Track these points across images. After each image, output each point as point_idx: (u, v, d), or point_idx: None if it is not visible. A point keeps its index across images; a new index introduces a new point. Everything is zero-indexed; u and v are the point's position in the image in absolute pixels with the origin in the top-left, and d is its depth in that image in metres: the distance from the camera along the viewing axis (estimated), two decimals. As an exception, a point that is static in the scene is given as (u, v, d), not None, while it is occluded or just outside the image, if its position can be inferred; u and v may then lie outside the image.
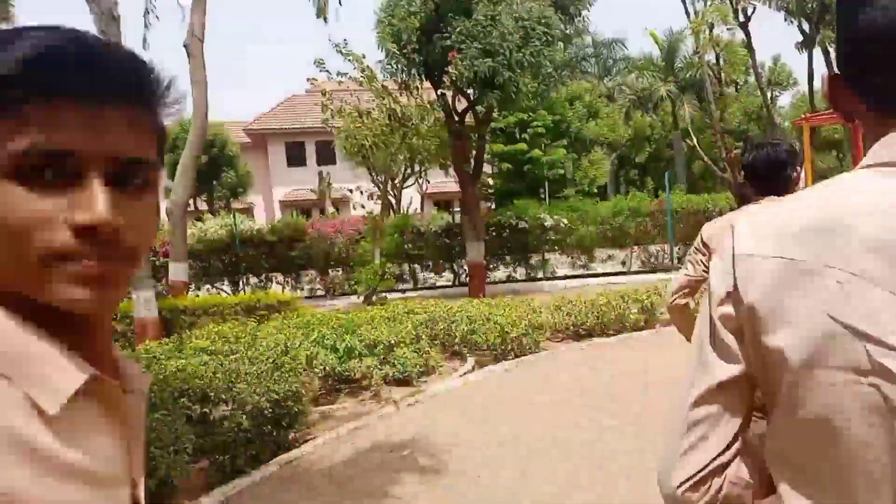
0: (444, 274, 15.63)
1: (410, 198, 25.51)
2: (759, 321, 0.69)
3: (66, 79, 0.56)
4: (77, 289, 0.56)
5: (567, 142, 26.00)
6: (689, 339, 2.72)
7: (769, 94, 25.91)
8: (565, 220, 15.17)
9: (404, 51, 12.81)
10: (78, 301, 0.57)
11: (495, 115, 25.04)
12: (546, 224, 15.09)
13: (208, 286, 14.16)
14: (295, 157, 30.77)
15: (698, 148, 15.74)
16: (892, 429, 0.63)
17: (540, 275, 15.47)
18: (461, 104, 14.00)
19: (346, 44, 13.00)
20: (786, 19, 15.88)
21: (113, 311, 0.68)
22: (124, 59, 0.60)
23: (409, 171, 23.84)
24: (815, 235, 0.67)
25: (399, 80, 13.63)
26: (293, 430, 5.18)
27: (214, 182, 27.26)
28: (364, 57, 12.71)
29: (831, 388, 0.65)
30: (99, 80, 0.57)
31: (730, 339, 0.73)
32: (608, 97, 33.99)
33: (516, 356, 7.63)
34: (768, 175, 2.34)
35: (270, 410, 4.82)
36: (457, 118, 13.89)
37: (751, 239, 0.72)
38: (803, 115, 5.38)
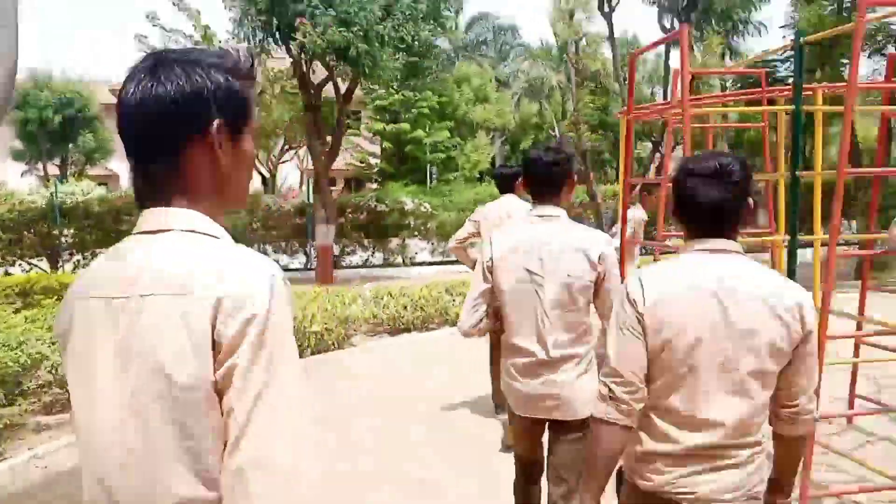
0: (297, 257, 14.73)
1: (286, 174, 24.35)
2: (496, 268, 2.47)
3: None
4: None
5: (453, 125, 25.52)
6: (469, 268, 4.57)
7: (649, 89, 26.47)
8: (427, 205, 14.62)
9: (249, 12, 11.73)
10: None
11: (380, 92, 24.24)
12: (406, 208, 14.47)
13: (22, 263, 12.55)
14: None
15: (558, 139, 15.67)
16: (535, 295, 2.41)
17: (399, 260, 14.88)
18: (320, 76, 13.06)
19: (183, -3, 11.71)
20: (660, 16, 15.89)
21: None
22: None
23: (286, 145, 22.65)
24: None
25: (251, 46, 12.53)
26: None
27: (70, 145, 24.85)
28: (199, 13, 11.49)
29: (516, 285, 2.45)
30: None
31: (487, 274, 2.50)
32: (504, 83, 33.79)
33: (314, 353, 6.97)
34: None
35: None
36: (313, 90, 12.94)
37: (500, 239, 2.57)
38: (622, 110, 5.17)
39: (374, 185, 24.68)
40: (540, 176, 2.42)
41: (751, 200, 1.64)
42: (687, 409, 1.59)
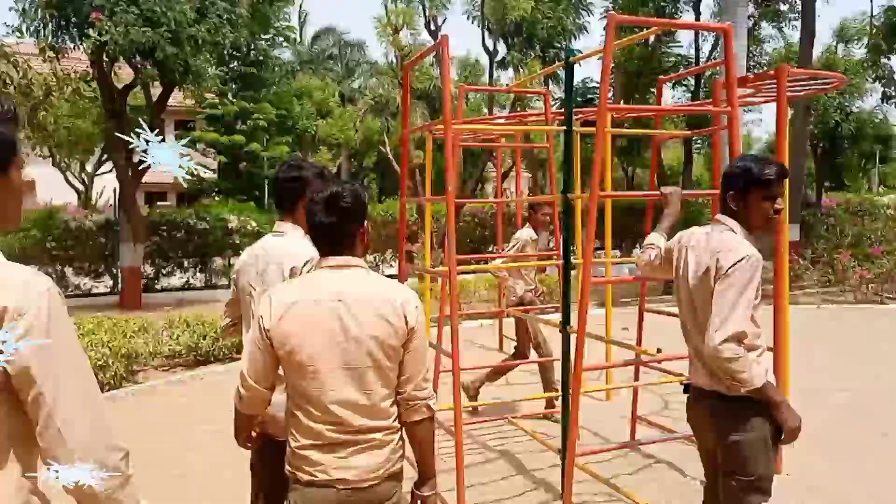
0: (103, 279, 13.21)
1: (104, 187, 22.09)
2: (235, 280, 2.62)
3: None
4: None
5: (293, 139, 24.62)
6: None
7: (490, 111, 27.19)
8: (253, 223, 13.73)
9: (37, 2, 10.34)
10: None
11: (213, 100, 22.79)
12: (230, 225, 13.50)
13: None
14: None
15: (390, 157, 15.47)
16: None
17: (223, 282, 13.82)
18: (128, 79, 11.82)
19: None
20: (483, 38, 16.14)
21: None
22: None
23: (104, 155, 20.55)
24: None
25: (42, 42, 11.06)
26: None
27: None
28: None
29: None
30: None
31: (233, 286, 2.65)
32: (350, 99, 33.32)
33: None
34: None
35: None
36: (116, 95, 11.65)
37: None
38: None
39: (208, 201, 23.11)
40: (277, 192, 2.56)
41: (365, 223, 1.93)
42: (320, 406, 1.81)
